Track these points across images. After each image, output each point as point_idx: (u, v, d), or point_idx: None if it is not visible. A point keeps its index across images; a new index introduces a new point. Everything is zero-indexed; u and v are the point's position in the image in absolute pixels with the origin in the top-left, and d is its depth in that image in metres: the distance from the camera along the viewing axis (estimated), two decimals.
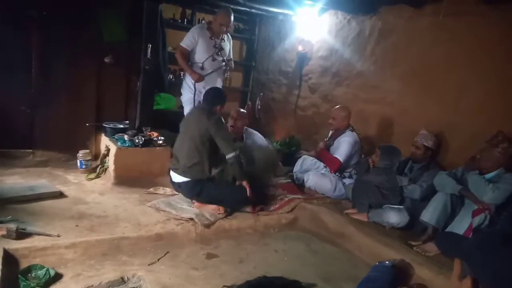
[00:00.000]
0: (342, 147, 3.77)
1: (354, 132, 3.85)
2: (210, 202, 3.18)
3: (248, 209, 3.29)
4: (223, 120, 3.27)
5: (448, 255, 2.65)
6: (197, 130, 3.13)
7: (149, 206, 3.18)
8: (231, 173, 3.25)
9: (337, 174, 3.85)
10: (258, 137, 4.20)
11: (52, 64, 3.95)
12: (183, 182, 3.21)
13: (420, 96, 3.67)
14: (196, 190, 3.18)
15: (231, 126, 3.91)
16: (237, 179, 3.19)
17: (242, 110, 4.27)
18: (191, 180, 3.17)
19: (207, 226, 2.98)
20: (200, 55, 3.98)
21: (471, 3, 3.19)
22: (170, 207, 3.16)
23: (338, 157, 3.76)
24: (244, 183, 3.13)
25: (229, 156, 3.09)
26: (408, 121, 3.76)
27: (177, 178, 3.24)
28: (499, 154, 2.71)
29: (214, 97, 3.32)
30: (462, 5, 3.23)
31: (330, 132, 4.05)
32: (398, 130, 3.91)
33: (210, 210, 3.15)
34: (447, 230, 2.83)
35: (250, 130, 4.23)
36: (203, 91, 4.07)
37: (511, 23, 3.00)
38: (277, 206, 3.47)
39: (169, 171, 3.35)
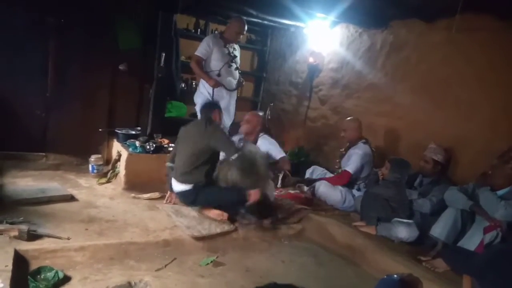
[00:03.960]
0: (352, 159, 3.78)
1: (366, 145, 3.84)
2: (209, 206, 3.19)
3: (253, 219, 3.26)
4: (221, 127, 3.30)
5: (456, 271, 2.61)
6: (197, 141, 3.15)
7: (161, 209, 3.26)
8: (229, 177, 3.20)
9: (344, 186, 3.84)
10: (269, 145, 4.06)
11: (68, 69, 4.05)
12: (181, 191, 3.22)
13: (431, 110, 3.66)
14: (191, 198, 3.18)
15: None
16: (248, 187, 3.08)
17: (254, 113, 4.20)
18: (187, 188, 3.15)
19: (196, 238, 2.87)
20: (216, 63, 4.04)
21: (485, 20, 3.20)
22: (175, 213, 3.18)
23: (348, 169, 3.76)
24: (254, 192, 3.03)
25: (233, 157, 3.04)
26: (418, 135, 3.74)
27: (176, 186, 3.24)
28: (511, 171, 2.68)
29: (206, 106, 3.42)
30: (476, 21, 3.23)
31: (347, 144, 4.04)
32: (408, 144, 3.89)
33: (215, 216, 3.15)
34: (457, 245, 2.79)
35: (265, 137, 4.14)
36: (221, 101, 4.14)
37: None
38: (284, 215, 3.46)
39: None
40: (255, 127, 4.09)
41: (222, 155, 3.34)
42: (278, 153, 4.08)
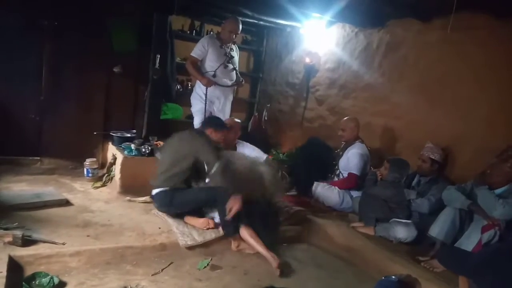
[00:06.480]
0: (353, 160, 3.74)
1: (363, 144, 3.83)
2: (188, 210, 3.05)
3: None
4: (210, 140, 3.07)
5: (452, 271, 2.59)
6: (182, 146, 3.08)
7: (155, 214, 3.19)
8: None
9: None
10: (252, 150, 3.71)
11: (62, 72, 4.02)
12: (155, 194, 3.11)
13: (428, 109, 3.65)
14: (166, 199, 3.03)
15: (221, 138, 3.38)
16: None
17: (236, 120, 3.90)
18: (162, 190, 3.05)
19: (190, 247, 2.78)
20: (212, 63, 4.01)
21: (481, 18, 3.19)
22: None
23: (353, 172, 3.73)
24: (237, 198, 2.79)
25: (214, 169, 2.86)
26: (415, 135, 3.73)
27: (153, 191, 3.16)
28: (509, 169, 2.67)
29: (207, 121, 3.43)
30: (472, 20, 3.23)
31: (343, 144, 4.03)
32: (405, 144, 3.88)
33: (200, 225, 2.99)
34: (455, 245, 2.78)
35: (243, 143, 3.80)
36: (216, 101, 4.13)
37: None
38: (282, 218, 3.43)
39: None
40: (238, 133, 3.77)
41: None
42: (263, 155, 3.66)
